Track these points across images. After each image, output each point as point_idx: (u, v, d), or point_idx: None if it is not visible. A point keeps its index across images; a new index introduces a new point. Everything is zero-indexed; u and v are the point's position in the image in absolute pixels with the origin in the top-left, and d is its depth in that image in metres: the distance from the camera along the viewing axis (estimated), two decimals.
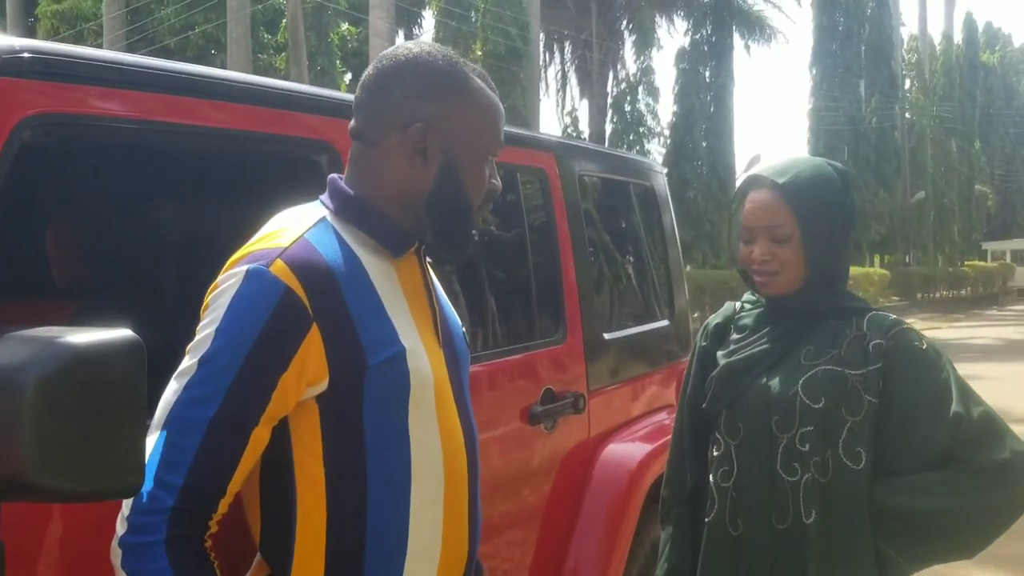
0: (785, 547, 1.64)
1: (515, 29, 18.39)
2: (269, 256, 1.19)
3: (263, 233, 1.26)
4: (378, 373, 1.21)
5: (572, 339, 2.66)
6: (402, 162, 1.28)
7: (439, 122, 1.28)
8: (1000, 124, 44.00)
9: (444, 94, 1.29)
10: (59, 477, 0.90)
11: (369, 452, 1.22)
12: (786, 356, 1.70)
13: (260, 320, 1.15)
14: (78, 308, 2.40)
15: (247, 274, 1.18)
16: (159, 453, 1.13)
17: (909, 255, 31.66)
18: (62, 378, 0.90)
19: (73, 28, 20.04)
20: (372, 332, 1.22)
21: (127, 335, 0.95)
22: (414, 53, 1.30)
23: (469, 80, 1.31)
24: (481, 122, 1.32)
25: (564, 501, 2.58)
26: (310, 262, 1.20)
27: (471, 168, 1.31)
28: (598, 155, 3.38)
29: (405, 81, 1.28)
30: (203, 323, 1.19)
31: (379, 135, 1.29)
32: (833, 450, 1.62)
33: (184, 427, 1.13)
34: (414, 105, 1.27)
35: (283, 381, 1.17)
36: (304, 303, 1.17)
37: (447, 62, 1.30)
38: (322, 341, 1.18)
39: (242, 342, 1.15)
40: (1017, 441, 1.58)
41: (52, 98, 1.36)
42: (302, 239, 1.22)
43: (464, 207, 1.32)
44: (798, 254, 1.68)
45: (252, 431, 1.16)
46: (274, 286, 1.16)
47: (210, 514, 1.16)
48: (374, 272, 1.27)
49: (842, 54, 28.26)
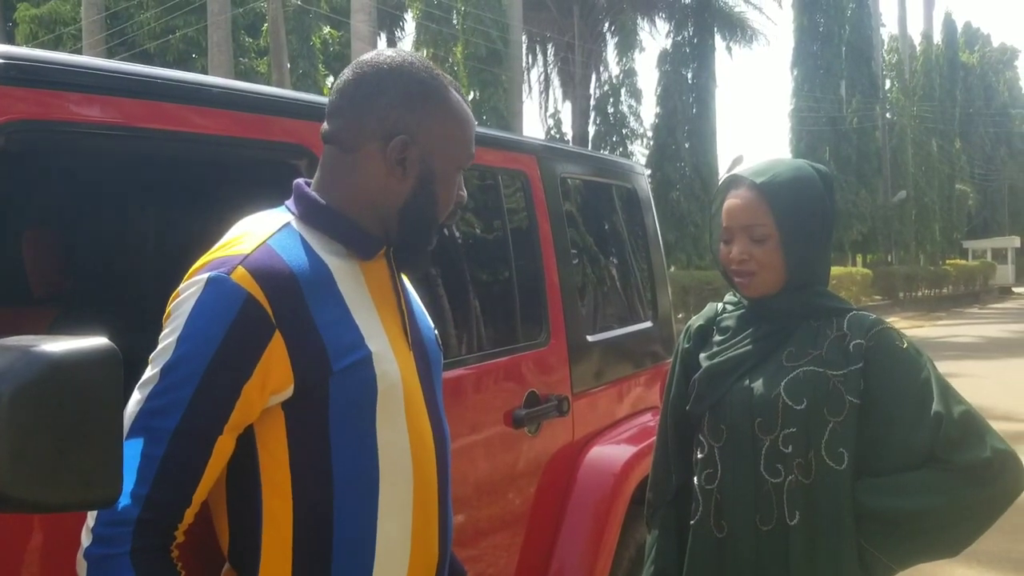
0: (769, 548, 1.64)
1: (496, 31, 18.41)
2: (230, 263, 1.18)
3: (225, 240, 1.25)
4: (343, 379, 1.21)
5: (555, 342, 2.66)
6: (379, 171, 1.28)
7: (419, 134, 1.28)
8: (980, 123, 44.45)
9: (425, 106, 1.29)
10: (35, 488, 0.89)
11: (335, 458, 1.21)
12: (768, 357, 1.70)
13: (221, 328, 1.14)
14: (56, 317, 2.38)
15: (208, 282, 1.16)
16: (125, 463, 1.10)
17: (891, 254, 31.86)
18: (37, 388, 0.89)
19: (52, 33, 19.89)
20: (336, 337, 1.21)
21: (103, 343, 0.94)
22: (396, 62, 1.29)
23: (448, 93, 1.32)
24: (458, 135, 1.33)
25: (549, 504, 2.57)
26: (272, 269, 1.19)
27: (445, 180, 1.32)
28: (580, 157, 3.38)
29: (388, 90, 1.27)
30: (165, 332, 1.18)
31: (357, 142, 1.28)
32: (816, 451, 1.62)
33: (148, 438, 1.13)
34: (396, 115, 1.27)
35: (246, 390, 1.16)
36: (266, 310, 1.16)
37: (428, 74, 1.30)
38: (286, 348, 1.17)
39: (204, 351, 1.14)
40: (998, 440, 1.59)
41: (29, 104, 1.35)
42: (264, 245, 1.21)
43: (433, 220, 1.33)
44: (776, 254, 1.68)
45: (216, 440, 1.15)
46: (235, 293, 1.15)
47: (175, 524, 1.15)
48: (340, 276, 1.26)
49: (823, 55, 28.41)
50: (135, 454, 1.12)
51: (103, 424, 0.93)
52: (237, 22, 19.82)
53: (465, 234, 2.58)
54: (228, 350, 1.14)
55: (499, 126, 17.22)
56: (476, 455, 2.29)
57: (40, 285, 2.47)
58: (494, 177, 2.59)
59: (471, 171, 2.55)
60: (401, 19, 25.90)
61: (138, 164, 2.23)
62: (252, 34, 22.43)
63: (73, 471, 0.91)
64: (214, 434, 1.15)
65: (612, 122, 22.98)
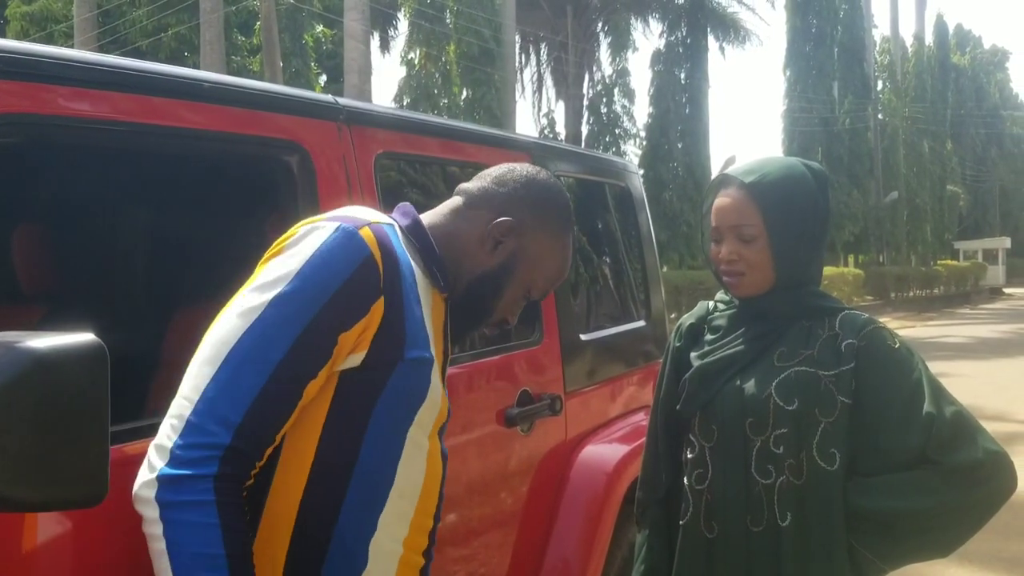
0: (760, 549, 1.63)
1: (489, 31, 18.39)
2: (358, 221, 1.23)
3: (331, 213, 1.29)
4: (407, 369, 1.24)
5: (549, 340, 2.65)
6: (476, 235, 1.39)
7: (525, 235, 1.40)
8: (971, 125, 44.60)
9: (546, 221, 1.42)
10: (18, 486, 0.88)
11: (364, 447, 1.22)
12: (760, 357, 1.69)
13: (343, 274, 1.17)
14: (44, 314, 2.35)
15: (338, 229, 1.20)
16: (218, 388, 1.10)
17: (883, 255, 31.94)
18: (21, 385, 0.88)
19: (43, 30, 19.80)
20: (414, 329, 1.25)
21: (89, 339, 0.93)
22: (554, 186, 1.45)
23: (568, 237, 1.45)
24: (551, 265, 1.43)
25: (541, 504, 2.57)
26: (388, 243, 1.25)
27: (516, 286, 1.41)
28: (573, 155, 3.37)
29: (530, 191, 1.41)
30: (275, 264, 1.19)
31: (480, 204, 1.40)
32: (807, 452, 1.61)
33: (250, 368, 1.11)
34: (521, 208, 1.40)
35: (343, 339, 1.18)
36: (379, 273, 1.21)
37: (566, 203, 1.46)
38: (382, 315, 1.20)
39: (321, 292, 1.16)
40: (989, 440, 1.58)
41: (19, 97, 1.34)
42: (379, 224, 1.27)
43: (489, 306, 1.41)
44: (765, 254, 1.67)
45: (309, 382, 1.16)
46: (361, 248, 1.20)
47: (255, 462, 1.14)
48: (421, 289, 1.31)
49: (815, 56, 28.48)
50: (232, 380, 1.11)
51: (89, 420, 0.92)
52: (230, 20, 19.76)
53: None
54: (342, 297, 1.17)
55: (492, 126, 17.19)
56: (469, 454, 2.28)
57: (29, 282, 2.45)
58: None
59: (465, 169, 2.54)
60: (394, 18, 25.83)
61: (129, 160, 2.21)
62: (245, 32, 22.37)
63: (58, 469, 0.90)
64: (310, 375, 1.16)
65: (605, 122, 23.00)
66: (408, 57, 20.04)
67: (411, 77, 19.73)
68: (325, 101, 1.99)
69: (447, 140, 2.47)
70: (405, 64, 20.03)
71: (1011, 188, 50.29)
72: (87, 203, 2.52)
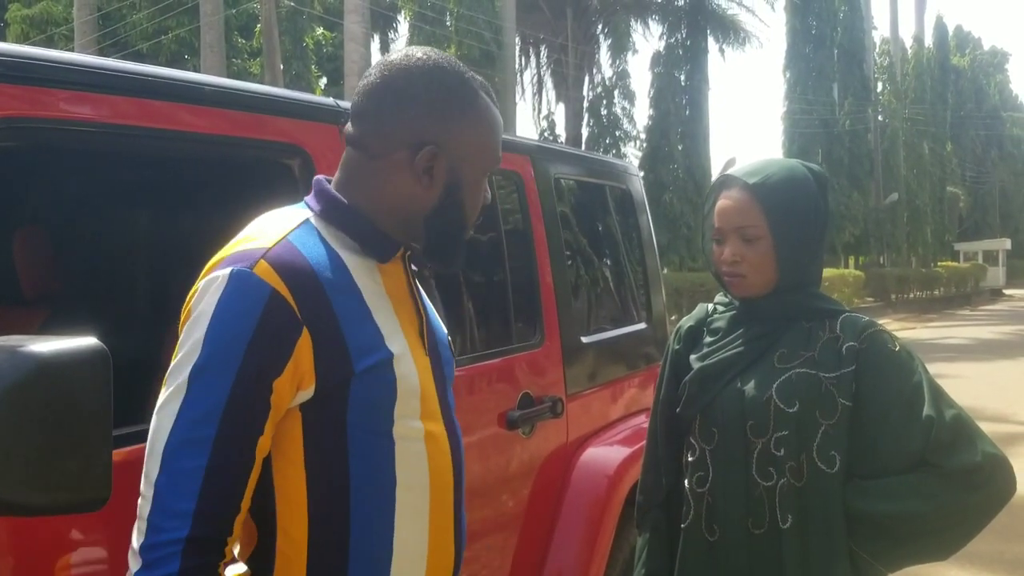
0: (761, 552, 1.63)
1: (489, 33, 18.41)
2: (251, 257, 1.14)
3: (242, 236, 1.21)
4: (364, 380, 1.18)
5: (550, 343, 2.65)
6: (406, 179, 1.26)
7: (448, 144, 1.26)
8: (971, 126, 44.60)
9: (456, 115, 1.26)
10: (21, 490, 0.88)
11: (352, 462, 1.18)
12: (760, 359, 1.69)
13: (250, 325, 1.10)
14: (47, 317, 2.36)
15: (231, 276, 1.12)
16: (166, 480, 1.06)
17: (883, 256, 31.94)
18: (25, 389, 0.88)
19: (43, 33, 19.81)
20: (358, 337, 1.18)
21: (92, 343, 0.93)
22: (427, 66, 1.26)
23: (478, 98, 1.29)
24: (487, 142, 1.31)
25: (543, 506, 2.57)
26: (294, 264, 1.15)
27: (473, 186, 1.31)
28: (574, 158, 3.37)
29: (417, 97, 1.24)
30: (186, 333, 1.13)
31: (385, 149, 1.25)
32: (808, 454, 1.61)
33: (189, 450, 1.07)
34: (425, 125, 1.24)
35: (278, 386, 1.12)
36: (292, 306, 1.12)
37: (459, 79, 1.28)
38: (312, 346, 1.14)
39: (234, 350, 1.09)
40: (989, 444, 1.58)
41: (19, 101, 1.34)
42: (284, 241, 1.18)
43: (462, 225, 1.32)
44: (768, 255, 1.67)
45: (258, 441, 1.12)
46: (260, 288, 1.11)
47: (226, 539, 1.11)
48: (360, 276, 1.23)
49: (815, 58, 28.49)
50: (175, 469, 1.07)
51: (91, 426, 0.92)
52: (230, 23, 19.77)
53: None
54: (257, 349, 1.10)
55: None
56: (470, 457, 2.26)
57: (31, 285, 2.45)
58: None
59: None
60: (394, 20, 25.87)
61: (130, 163, 2.21)
62: (245, 35, 22.37)
63: (61, 473, 0.90)
64: (254, 435, 1.11)
65: (605, 124, 23.01)
66: None
67: None
68: (326, 104, 2.00)
69: None
70: None
71: (1011, 189, 50.29)
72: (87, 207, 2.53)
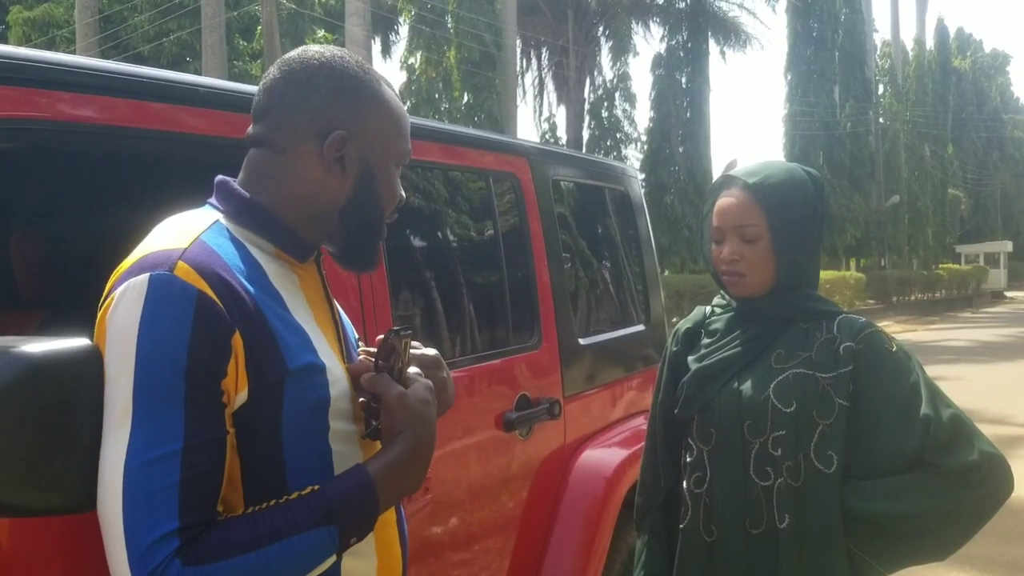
0: (759, 552, 1.63)
1: (490, 35, 18.42)
2: (168, 259, 1.05)
3: (150, 240, 1.13)
4: (298, 379, 1.12)
5: (547, 344, 2.65)
6: (316, 171, 1.21)
7: (356, 130, 1.22)
8: (972, 128, 44.58)
9: (360, 102, 1.23)
10: (12, 491, 0.88)
11: (290, 471, 1.12)
12: (757, 360, 1.70)
13: (184, 330, 1.01)
14: (43, 319, 2.36)
15: (151, 282, 1.02)
16: (141, 511, 0.98)
17: (884, 259, 31.91)
18: (16, 389, 0.88)
19: (45, 35, 19.84)
20: (288, 337, 1.13)
21: (84, 344, 0.93)
22: (326, 58, 1.23)
23: (382, 87, 1.26)
24: (395, 130, 1.27)
25: (541, 508, 2.56)
26: (213, 264, 1.07)
27: (386, 177, 1.27)
28: (572, 160, 3.37)
29: (320, 87, 1.20)
30: (113, 353, 1.01)
31: (291, 143, 1.21)
32: (805, 454, 1.61)
33: (152, 471, 0.99)
34: (331, 112, 1.20)
35: (226, 386, 1.06)
36: (219, 305, 1.04)
37: (360, 68, 1.24)
38: (243, 346, 1.06)
39: (174, 360, 1.01)
40: (986, 443, 1.59)
41: (16, 102, 1.34)
42: (199, 240, 1.10)
43: (378, 218, 1.27)
44: (767, 255, 1.68)
45: (225, 439, 1.06)
46: (185, 291, 1.03)
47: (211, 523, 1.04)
48: (274, 277, 1.18)
49: (816, 60, 28.48)
50: (146, 495, 0.98)
51: (83, 427, 0.92)
52: (231, 25, 19.80)
53: (456, 236, 2.57)
54: (197, 352, 1.02)
55: (493, 130, 17.21)
56: (467, 459, 2.28)
57: (28, 287, 2.45)
58: (485, 179, 2.58)
59: (463, 173, 2.54)
60: (395, 23, 25.87)
61: (129, 165, 2.21)
62: (246, 37, 22.40)
63: (53, 474, 0.90)
64: (222, 434, 1.05)
65: (606, 126, 23.00)
66: (409, 62, 20.09)
67: (412, 82, 19.76)
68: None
69: (447, 145, 2.47)
70: (406, 69, 20.08)
71: (1012, 192, 50.28)
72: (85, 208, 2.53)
